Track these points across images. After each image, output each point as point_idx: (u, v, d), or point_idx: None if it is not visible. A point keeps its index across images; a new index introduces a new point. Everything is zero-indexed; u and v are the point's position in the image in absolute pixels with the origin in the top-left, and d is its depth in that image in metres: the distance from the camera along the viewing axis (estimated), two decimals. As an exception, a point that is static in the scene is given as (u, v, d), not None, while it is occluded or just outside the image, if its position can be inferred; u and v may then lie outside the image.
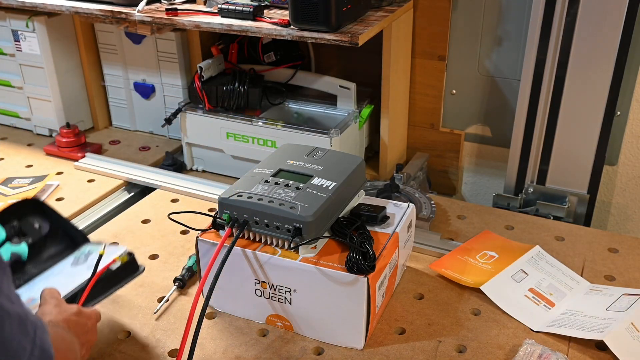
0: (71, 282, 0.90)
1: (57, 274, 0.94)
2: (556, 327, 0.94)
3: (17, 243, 0.95)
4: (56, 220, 1.02)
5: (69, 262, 0.96)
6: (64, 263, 0.96)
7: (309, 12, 1.15)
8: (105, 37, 1.60)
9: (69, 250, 0.99)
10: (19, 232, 0.97)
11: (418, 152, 1.57)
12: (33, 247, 0.97)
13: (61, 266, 0.95)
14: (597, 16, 1.20)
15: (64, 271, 0.93)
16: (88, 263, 0.93)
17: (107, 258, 0.92)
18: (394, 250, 0.97)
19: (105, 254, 0.91)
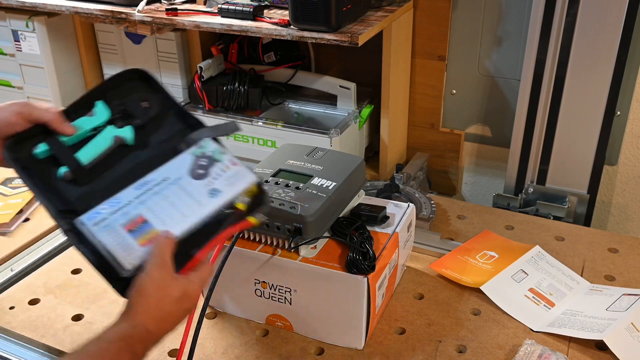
0: (187, 209, 0.75)
1: (173, 183, 0.77)
2: (556, 327, 0.94)
3: (121, 126, 0.82)
4: (165, 98, 0.86)
5: (185, 164, 0.79)
6: (179, 163, 0.79)
7: (309, 12, 1.15)
8: (105, 37, 1.59)
9: (181, 137, 0.83)
10: (123, 112, 0.83)
11: (418, 152, 1.57)
12: (140, 131, 0.83)
13: (176, 168, 0.79)
14: (597, 16, 1.20)
15: (181, 183, 0.77)
16: (210, 182, 0.77)
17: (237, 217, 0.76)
18: (394, 250, 0.97)
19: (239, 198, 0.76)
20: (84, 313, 1.02)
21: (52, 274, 1.11)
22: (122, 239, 0.72)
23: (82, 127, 0.81)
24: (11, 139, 0.78)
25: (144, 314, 0.68)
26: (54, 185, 0.78)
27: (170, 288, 0.70)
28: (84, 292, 1.06)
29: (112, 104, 0.83)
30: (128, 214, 0.74)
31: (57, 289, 1.07)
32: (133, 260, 0.70)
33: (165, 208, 0.75)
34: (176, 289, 0.70)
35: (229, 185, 0.77)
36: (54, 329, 0.98)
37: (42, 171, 0.79)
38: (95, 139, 0.81)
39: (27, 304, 1.04)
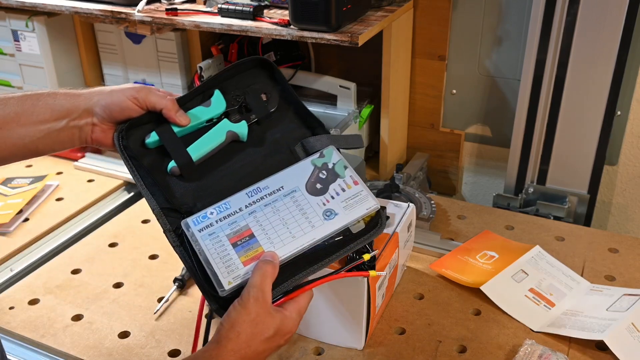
0: (298, 230, 0.70)
1: (287, 195, 0.73)
2: (556, 328, 0.94)
3: (236, 121, 0.78)
4: (287, 92, 0.81)
5: (304, 174, 0.74)
6: (297, 171, 0.75)
7: (309, 12, 1.15)
8: (105, 37, 1.59)
9: (298, 138, 0.79)
10: (241, 105, 0.79)
11: (418, 152, 1.57)
12: (255, 127, 0.79)
13: (293, 177, 0.74)
14: (597, 16, 1.20)
15: (296, 196, 0.73)
16: (327, 200, 0.71)
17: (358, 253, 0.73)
18: (394, 250, 0.97)
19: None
20: (83, 313, 1.02)
21: (51, 274, 1.11)
22: (225, 252, 0.68)
23: (197, 118, 0.77)
24: (123, 125, 0.75)
25: (232, 351, 0.65)
26: (160, 179, 0.75)
27: (265, 325, 0.66)
28: (83, 292, 1.06)
29: (230, 94, 0.79)
30: (235, 224, 0.70)
31: (57, 289, 1.07)
32: (232, 280, 0.67)
33: (275, 224, 0.71)
34: (271, 326, 0.66)
35: (347, 209, 0.72)
36: (53, 329, 0.98)
37: (151, 163, 0.76)
38: (209, 133, 0.77)
39: (27, 304, 1.04)
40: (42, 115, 0.75)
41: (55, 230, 1.26)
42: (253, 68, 0.82)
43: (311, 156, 0.76)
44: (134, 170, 0.75)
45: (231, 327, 0.65)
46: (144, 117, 0.76)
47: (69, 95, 0.77)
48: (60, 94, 0.77)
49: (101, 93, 0.77)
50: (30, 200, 1.31)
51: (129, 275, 1.10)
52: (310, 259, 0.71)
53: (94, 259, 1.15)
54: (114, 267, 1.12)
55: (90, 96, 0.77)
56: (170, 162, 0.75)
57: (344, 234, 0.73)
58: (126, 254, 1.16)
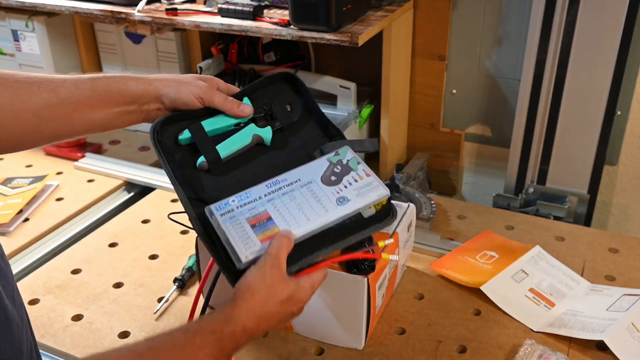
0: (312, 213, 0.75)
1: (303, 186, 0.79)
2: (556, 328, 0.94)
3: (262, 126, 0.86)
4: (310, 104, 0.90)
5: (320, 169, 0.81)
6: (313, 167, 0.81)
7: (309, 12, 1.15)
8: (105, 37, 1.59)
9: (318, 145, 0.86)
10: (267, 113, 0.87)
11: (418, 152, 1.57)
12: (278, 133, 0.86)
13: (309, 172, 0.81)
14: (597, 16, 1.20)
15: (311, 186, 0.79)
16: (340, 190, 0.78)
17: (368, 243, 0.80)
18: (394, 250, 0.97)
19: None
20: (83, 313, 1.02)
21: (51, 274, 1.11)
22: (244, 232, 0.73)
23: (227, 121, 0.84)
24: (159, 120, 0.81)
25: (246, 310, 0.67)
26: (189, 173, 0.82)
27: (279, 288, 0.69)
28: (83, 292, 1.06)
29: (258, 102, 0.86)
30: (254, 209, 0.76)
31: (57, 289, 1.07)
32: (250, 254, 0.71)
33: (291, 209, 0.76)
34: (284, 290, 0.69)
35: (359, 196, 0.78)
36: (53, 329, 0.98)
37: (181, 157, 0.82)
38: (236, 134, 0.84)
39: (27, 304, 1.04)
40: (115, 99, 0.80)
41: (55, 230, 1.26)
42: (280, 82, 0.91)
43: (327, 154, 0.83)
44: (166, 163, 0.81)
45: (246, 289, 0.68)
46: (179, 114, 0.83)
47: (140, 81, 0.81)
48: (131, 79, 0.81)
49: (170, 85, 0.81)
50: (30, 200, 1.31)
51: (129, 275, 1.10)
52: (325, 241, 0.76)
53: (94, 259, 1.15)
54: (114, 267, 1.12)
55: (160, 85, 0.81)
56: (200, 158, 0.82)
57: (357, 218, 0.78)
58: (126, 254, 1.16)
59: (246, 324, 0.66)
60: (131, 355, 0.58)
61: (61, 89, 0.77)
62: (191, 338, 0.61)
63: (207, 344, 0.62)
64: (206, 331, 0.63)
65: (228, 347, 0.64)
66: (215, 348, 0.62)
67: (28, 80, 0.76)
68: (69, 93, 0.77)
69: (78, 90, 0.78)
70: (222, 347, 0.63)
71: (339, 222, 0.77)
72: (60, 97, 0.77)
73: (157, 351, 0.59)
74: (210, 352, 0.62)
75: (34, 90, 0.75)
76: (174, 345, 0.60)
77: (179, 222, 1.00)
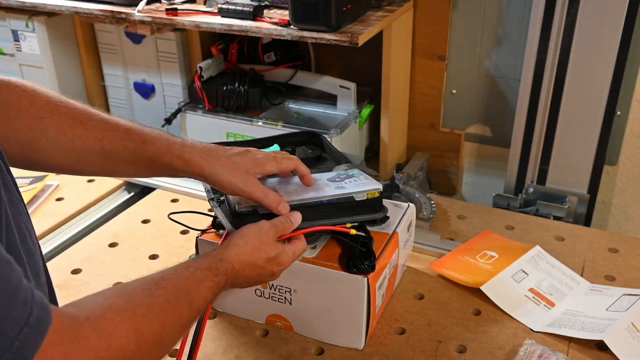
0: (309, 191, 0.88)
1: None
2: (556, 327, 0.94)
3: None
4: (329, 151, 1.06)
5: (328, 174, 0.95)
6: (323, 174, 0.95)
7: (309, 12, 1.15)
8: (105, 37, 1.59)
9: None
10: (291, 153, 1.01)
11: (418, 152, 1.57)
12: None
13: (319, 176, 0.93)
14: (597, 16, 1.20)
15: (317, 182, 0.91)
16: (340, 185, 0.90)
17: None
18: (394, 250, 0.97)
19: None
20: (83, 313, 1.01)
21: (52, 274, 1.10)
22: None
23: None
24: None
25: (237, 254, 0.76)
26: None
27: (268, 246, 0.79)
28: (84, 292, 1.06)
29: (285, 148, 1.06)
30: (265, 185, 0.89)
31: (57, 289, 1.06)
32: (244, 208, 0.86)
33: (295, 189, 0.88)
34: (272, 249, 0.79)
35: (355, 187, 0.90)
36: (53, 329, 0.98)
37: None
38: None
39: (27, 304, 1.04)
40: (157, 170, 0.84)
41: (55, 230, 1.26)
42: (305, 136, 1.11)
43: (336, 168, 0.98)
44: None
45: (241, 236, 0.78)
46: None
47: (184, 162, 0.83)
48: (177, 157, 0.82)
49: (214, 175, 0.82)
50: (30, 200, 1.31)
51: (129, 275, 1.10)
52: (316, 218, 0.87)
53: (94, 259, 1.15)
54: (114, 267, 1.12)
55: (207, 172, 0.82)
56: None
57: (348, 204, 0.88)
58: (126, 254, 1.16)
59: (235, 265, 0.75)
60: (148, 283, 0.65)
61: (107, 142, 0.79)
62: (193, 272, 0.70)
63: (205, 278, 0.71)
64: (204, 267, 0.72)
65: (221, 282, 0.73)
66: (213, 282, 0.71)
67: (81, 120, 0.79)
68: (113, 149, 0.80)
69: (124, 149, 0.80)
70: (218, 282, 0.72)
71: (331, 205, 0.87)
72: (105, 149, 0.80)
73: (168, 281, 0.66)
74: (209, 285, 0.71)
75: (82, 133, 0.79)
76: (179, 277, 0.68)
77: (179, 222, 1.01)
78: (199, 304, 0.68)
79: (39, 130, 0.76)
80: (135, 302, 0.60)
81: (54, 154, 0.78)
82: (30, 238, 0.66)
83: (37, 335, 0.49)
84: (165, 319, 0.62)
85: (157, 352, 0.62)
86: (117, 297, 0.60)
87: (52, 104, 0.78)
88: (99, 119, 0.80)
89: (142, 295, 0.62)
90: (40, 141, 0.77)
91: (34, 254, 0.65)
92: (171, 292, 0.65)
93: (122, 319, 0.57)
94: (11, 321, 0.47)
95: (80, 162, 0.80)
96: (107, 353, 0.54)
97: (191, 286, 0.68)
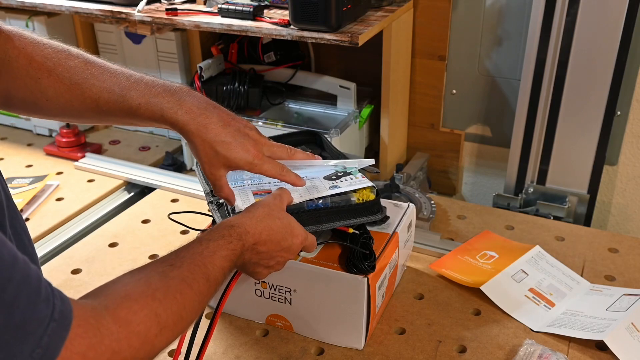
0: (305, 191, 0.88)
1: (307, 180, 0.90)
2: (556, 327, 0.94)
3: None
4: (331, 151, 1.05)
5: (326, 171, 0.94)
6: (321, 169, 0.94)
7: (309, 12, 1.15)
8: (105, 37, 1.60)
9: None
10: None
11: (418, 152, 1.57)
12: None
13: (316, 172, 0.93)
14: (597, 16, 1.20)
15: (314, 180, 0.91)
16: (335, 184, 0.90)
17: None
18: (394, 250, 0.97)
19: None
20: (83, 313, 1.01)
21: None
22: (246, 196, 0.88)
23: None
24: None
25: (249, 217, 0.76)
26: None
27: (281, 213, 0.80)
28: (84, 292, 1.05)
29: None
30: (261, 186, 0.91)
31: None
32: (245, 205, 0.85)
33: (291, 188, 0.88)
34: (284, 217, 0.80)
35: (349, 186, 0.91)
36: (53, 329, 0.98)
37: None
38: None
39: (27, 304, 1.04)
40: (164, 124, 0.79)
41: (55, 230, 1.26)
42: (305, 136, 1.11)
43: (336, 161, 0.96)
44: (198, 168, 0.94)
45: (252, 206, 0.80)
46: None
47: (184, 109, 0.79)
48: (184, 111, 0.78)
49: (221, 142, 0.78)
50: (30, 200, 1.31)
51: (129, 275, 1.10)
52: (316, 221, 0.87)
53: (94, 259, 1.15)
54: (114, 267, 1.12)
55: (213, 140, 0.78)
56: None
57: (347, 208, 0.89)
58: (126, 254, 1.16)
59: (248, 228, 0.74)
60: (163, 265, 0.64)
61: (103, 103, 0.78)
62: (206, 245, 0.69)
63: (220, 247, 0.70)
64: (216, 237, 0.71)
65: (237, 247, 0.72)
66: (228, 249, 0.70)
67: (77, 80, 0.78)
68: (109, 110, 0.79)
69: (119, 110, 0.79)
70: (233, 248, 0.71)
71: (328, 209, 0.87)
72: (101, 109, 0.79)
73: (183, 259, 0.66)
74: (224, 255, 0.70)
75: (79, 94, 0.78)
76: (194, 253, 0.68)
77: (179, 222, 1.01)
78: (216, 276, 0.68)
79: (38, 91, 0.77)
80: (152, 287, 0.60)
81: (55, 113, 0.80)
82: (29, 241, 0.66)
83: (63, 329, 0.50)
84: (184, 299, 0.62)
85: (179, 330, 0.63)
86: (134, 284, 0.61)
87: (50, 62, 0.77)
88: (96, 74, 0.79)
89: (159, 279, 0.62)
90: (40, 101, 0.78)
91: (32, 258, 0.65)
92: (187, 270, 0.65)
93: (141, 306, 0.57)
94: (37, 319, 0.48)
95: (81, 117, 0.82)
96: (128, 342, 0.55)
97: (206, 259, 0.67)
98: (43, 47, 0.78)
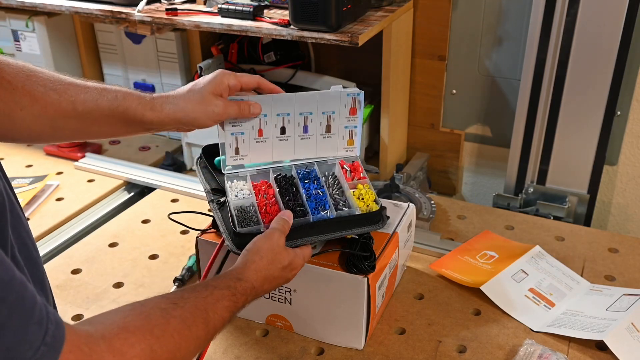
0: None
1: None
2: (556, 327, 0.94)
3: None
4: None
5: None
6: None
7: (309, 12, 1.15)
8: (105, 37, 1.60)
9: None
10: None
11: (418, 152, 1.57)
12: None
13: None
14: (597, 16, 1.20)
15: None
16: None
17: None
18: (394, 250, 0.97)
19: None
20: (84, 313, 1.02)
21: (52, 274, 1.11)
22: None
23: None
24: (205, 149, 1.00)
25: (255, 271, 0.77)
26: (214, 175, 0.98)
27: (282, 256, 0.80)
28: (84, 292, 1.07)
29: None
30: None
31: (57, 289, 1.07)
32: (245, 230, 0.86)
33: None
34: (285, 258, 0.81)
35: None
36: (53, 329, 0.98)
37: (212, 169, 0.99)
38: None
39: (27, 304, 1.04)
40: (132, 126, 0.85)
41: (55, 230, 1.26)
42: None
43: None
44: (201, 174, 0.98)
45: (256, 252, 0.79)
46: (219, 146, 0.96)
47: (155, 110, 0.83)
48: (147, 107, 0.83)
49: (185, 110, 0.83)
50: (30, 200, 1.31)
51: (129, 275, 1.10)
52: (319, 231, 0.87)
53: (94, 259, 1.15)
54: (114, 267, 1.12)
55: (177, 115, 0.83)
56: (216, 159, 0.98)
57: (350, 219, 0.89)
58: (126, 254, 1.16)
59: (254, 283, 0.76)
60: (166, 302, 0.65)
61: (79, 104, 0.80)
62: (211, 292, 0.70)
63: (224, 297, 0.71)
64: (223, 286, 0.72)
65: (240, 301, 0.73)
66: (231, 301, 0.71)
67: (52, 86, 0.79)
68: (86, 109, 0.80)
69: (97, 107, 0.81)
70: (236, 301, 0.72)
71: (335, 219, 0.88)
72: (78, 111, 0.80)
73: (186, 300, 0.66)
74: (227, 305, 0.71)
75: (55, 98, 0.79)
76: (198, 297, 0.68)
77: (179, 222, 1.01)
78: (215, 324, 0.68)
79: (12, 101, 0.76)
80: (152, 322, 0.60)
81: (29, 123, 0.78)
82: (32, 244, 0.65)
83: (53, 353, 0.49)
84: (181, 340, 0.62)
85: None
86: (134, 316, 0.60)
87: (22, 74, 0.77)
88: (69, 82, 0.81)
89: (160, 315, 0.62)
90: (15, 112, 0.76)
91: (36, 261, 0.65)
92: (188, 311, 0.65)
93: (137, 339, 0.57)
94: (29, 342, 0.48)
95: (56, 127, 0.80)
96: None
97: (208, 306, 0.68)
98: (12, 62, 0.78)
